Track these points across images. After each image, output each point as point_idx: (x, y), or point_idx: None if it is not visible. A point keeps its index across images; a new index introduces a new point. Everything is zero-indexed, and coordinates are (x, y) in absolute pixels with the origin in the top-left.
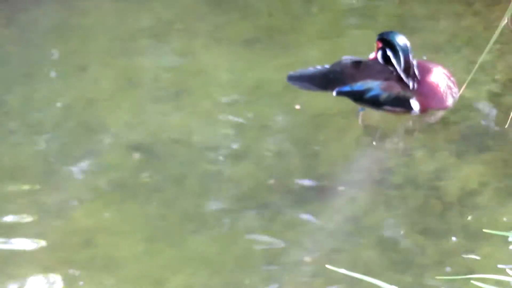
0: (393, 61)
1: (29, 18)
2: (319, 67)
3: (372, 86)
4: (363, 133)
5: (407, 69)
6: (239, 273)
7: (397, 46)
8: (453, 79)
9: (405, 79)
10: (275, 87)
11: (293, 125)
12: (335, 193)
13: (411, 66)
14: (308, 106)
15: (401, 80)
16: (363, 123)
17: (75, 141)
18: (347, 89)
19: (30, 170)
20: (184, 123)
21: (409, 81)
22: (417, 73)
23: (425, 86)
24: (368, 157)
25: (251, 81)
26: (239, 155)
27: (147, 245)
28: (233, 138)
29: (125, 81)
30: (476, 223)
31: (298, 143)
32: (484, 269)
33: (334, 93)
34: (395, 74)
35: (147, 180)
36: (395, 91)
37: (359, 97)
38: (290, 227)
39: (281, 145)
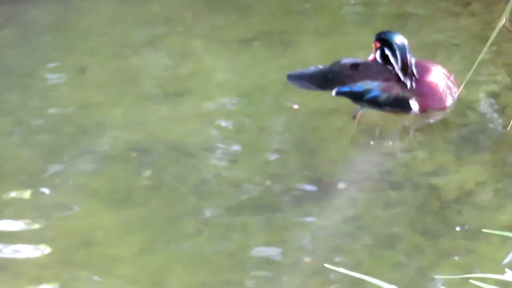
0: (391, 59)
1: (27, 18)
2: (320, 67)
3: (371, 87)
4: (362, 133)
5: (405, 67)
6: (237, 273)
7: (395, 45)
8: (452, 78)
9: (403, 78)
10: (273, 87)
11: (291, 125)
12: (333, 193)
13: (409, 64)
14: (306, 106)
15: (401, 80)
16: (359, 122)
17: (74, 141)
18: (347, 89)
19: (28, 170)
20: (182, 123)
21: (406, 80)
22: (416, 72)
23: (424, 86)
24: (366, 157)
25: (249, 81)
26: (237, 155)
27: (145, 245)
28: (231, 138)
29: (124, 81)
30: (475, 223)
31: (296, 143)
32: (483, 269)
33: (333, 93)
34: (394, 73)
35: (145, 181)
36: (394, 92)
37: (358, 98)
38: (288, 227)
39: (280, 145)
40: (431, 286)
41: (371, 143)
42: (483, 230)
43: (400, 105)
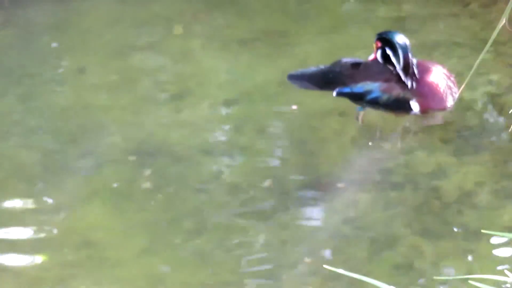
0: (393, 59)
1: (27, 19)
2: (321, 66)
3: (371, 88)
4: (361, 133)
5: (406, 67)
6: (237, 274)
7: (396, 44)
8: (453, 79)
9: (404, 78)
10: (273, 87)
11: (291, 126)
12: (333, 193)
13: (410, 64)
14: (305, 106)
15: (401, 80)
16: (362, 122)
17: (74, 142)
18: (347, 90)
19: (28, 171)
20: (182, 124)
21: (407, 80)
22: (417, 72)
23: (425, 86)
24: (366, 157)
25: (249, 81)
26: (237, 155)
27: (145, 246)
28: (231, 138)
29: (124, 82)
30: (474, 223)
31: (296, 143)
32: (482, 270)
33: (334, 94)
34: (395, 74)
35: (145, 181)
36: (394, 92)
37: (359, 99)
38: (288, 228)
39: (280, 146)
40: (431, 287)
41: (371, 143)
42: (483, 231)
43: (400, 106)
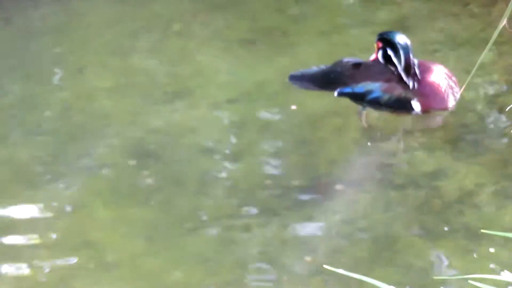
0: (394, 60)
1: (26, 19)
2: (322, 67)
3: (373, 88)
4: (361, 133)
5: (408, 68)
6: (236, 273)
7: (398, 44)
8: (454, 78)
9: (405, 78)
10: (273, 87)
11: (291, 126)
12: (333, 193)
13: (412, 65)
14: (305, 106)
15: (402, 80)
16: (366, 122)
17: (73, 141)
18: (348, 90)
19: (28, 170)
20: (182, 123)
21: (409, 80)
22: (418, 73)
23: (426, 86)
24: (367, 157)
25: (249, 81)
26: (236, 156)
27: (145, 244)
28: (231, 138)
29: (123, 81)
30: (474, 223)
31: (296, 143)
32: (482, 270)
33: (335, 94)
34: (396, 74)
35: (145, 180)
36: (396, 92)
37: (360, 99)
38: (288, 228)
39: (280, 146)
40: (431, 286)
41: (371, 144)
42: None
43: (402, 106)
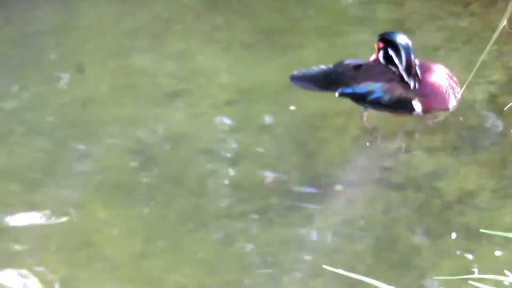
0: (395, 60)
1: (26, 19)
2: (323, 67)
3: (374, 88)
4: (362, 134)
5: (409, 68)
6: (236, 273)
7: (399, 45)
8: (455, 79)
9: (407, 78)
10: (273, 88)
11: (291, 126)
12: (334, 194)
13: (413, 65)
14: (305, 106)
15: (403, 81)
16: (368, 123)
17: (73, 142)
18: (350, 91)
19: (28, 171)
20: (182, 124)
21: (410, 80)
22: (419, 73)
23: (427, 86)
24: (367, 158)
25: (249, 82)
26: (236, 156)
27: (145, 246)
28: (231, 139)
29: (123, 82)
30: (475, 223)
31: (297, 143)
32: (482, 270)
33: (336, 94)
34: (397, 74)
35: (145, 180)
36: (397, 93)
37: (361, 99)
38: (288, 228)
39: (280, 146)
40: (431, 287)
41: (372, 144)
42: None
43: (403, 106)
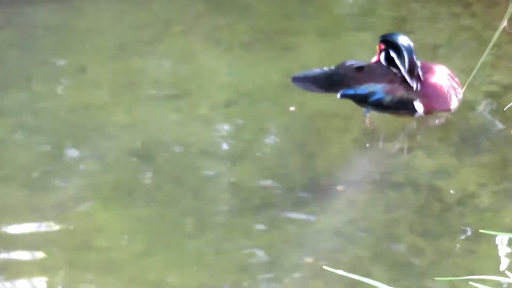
0: (397, 62)
1: (26, 20)
2: (325, 68)
3: (375, 89)
4: (362, 135)
5: (412, 69)
6: (237, 275)
7: (401, 46)
8: (456, 79)
9: (409, 80)
10: (274, 88)
11: (291, 127)
12: (334, 194)
13: (416, 66)
14: (305, 107)
15: (405, 82)
16: (371, 125)
17: (74, 142)
18: (351, 92)
19: (28, 171)
20: (182, 124)
21: (412, 82)
22: (421, 74)
23: (428, 87)
24: (367, 158)
25: (250, 82)
26: (237, 156)
27: (146, 246)
28: (231, 139)
29: (124, 82)
30: (475, 224)
31: (297, 144)
32: (483, 270)
33: (338, 96)
34: (399, 76)
35: (145, 181)
36: (398, 94)
37: (363, 101)
38: (289, 228)
39: (280, 147)
40: (431, 287)
41: (373, 144)
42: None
43: (404, 107)
